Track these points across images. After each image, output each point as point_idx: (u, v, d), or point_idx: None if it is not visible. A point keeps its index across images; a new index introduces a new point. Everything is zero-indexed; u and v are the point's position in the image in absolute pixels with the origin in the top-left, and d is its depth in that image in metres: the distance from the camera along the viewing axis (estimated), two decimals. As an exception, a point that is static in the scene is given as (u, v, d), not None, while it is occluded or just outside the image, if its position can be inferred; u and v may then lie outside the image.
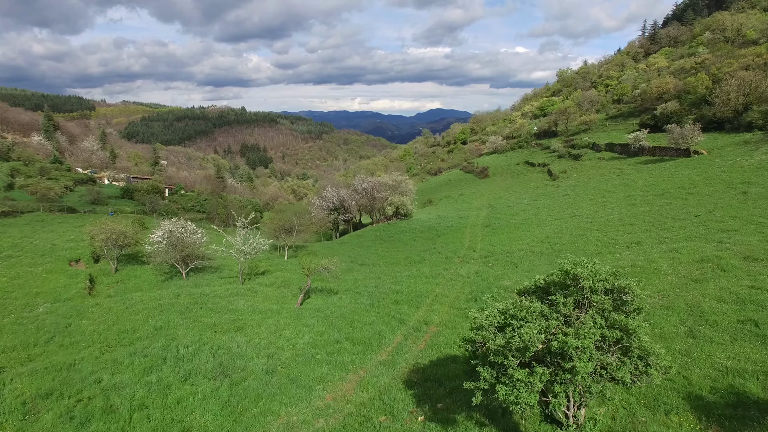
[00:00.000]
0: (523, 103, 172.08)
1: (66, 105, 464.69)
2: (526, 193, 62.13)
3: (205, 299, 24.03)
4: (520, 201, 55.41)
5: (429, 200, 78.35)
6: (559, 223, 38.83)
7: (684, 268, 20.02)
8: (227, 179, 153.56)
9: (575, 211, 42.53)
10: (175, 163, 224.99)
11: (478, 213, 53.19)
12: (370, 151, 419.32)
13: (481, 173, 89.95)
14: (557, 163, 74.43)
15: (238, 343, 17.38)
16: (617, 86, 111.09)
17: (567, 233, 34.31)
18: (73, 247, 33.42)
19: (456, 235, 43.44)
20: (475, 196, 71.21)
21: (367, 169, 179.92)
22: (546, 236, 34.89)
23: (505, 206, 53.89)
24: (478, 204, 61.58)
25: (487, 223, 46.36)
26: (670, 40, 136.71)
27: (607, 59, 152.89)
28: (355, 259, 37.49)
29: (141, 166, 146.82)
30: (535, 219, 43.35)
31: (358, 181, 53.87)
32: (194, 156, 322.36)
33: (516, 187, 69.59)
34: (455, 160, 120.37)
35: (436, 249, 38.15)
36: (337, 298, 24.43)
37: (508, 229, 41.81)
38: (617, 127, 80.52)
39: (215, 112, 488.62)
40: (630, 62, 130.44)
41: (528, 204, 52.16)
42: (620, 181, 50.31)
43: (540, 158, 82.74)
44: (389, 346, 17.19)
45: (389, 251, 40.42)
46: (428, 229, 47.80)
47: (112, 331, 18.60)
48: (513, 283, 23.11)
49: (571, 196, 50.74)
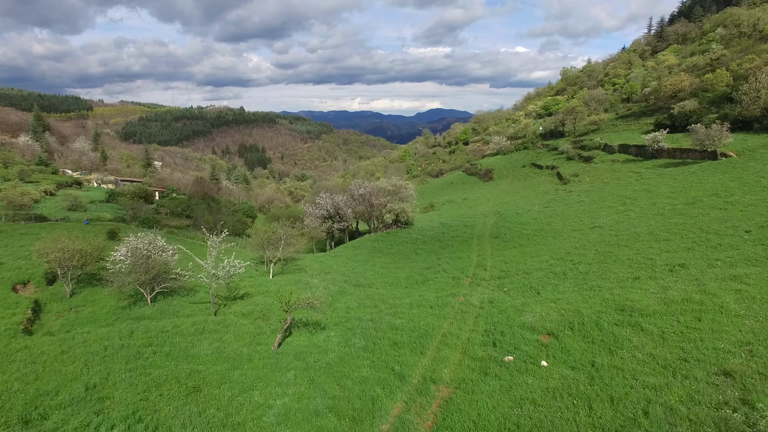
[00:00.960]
0: (526, 103, 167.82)
1: (63, 105, 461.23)
2: (535, 198, 57.87)
3: (163, 338, 19.76)
4: (529, 207, 51.16)
5: (431, 204, 74.11)
6: (579, 236, 34.56)
7: (762, 308, 15.74)
8: (222, 181, 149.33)
9: (594, 220, 38.28)
10: (171, 164, 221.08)
11: (484, 221, 48.96)
12: (370, 152, 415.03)
13: (485, 175, 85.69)
14: (567, 165, 70.18)
15: (186, 417, 13.10)
16: (626, 85, 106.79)
17: (590, 249, 30.03)
18: (24, 266, 29.06)
19: (462, 247, 39.17)
20: (480, 200, 66.94)
21: (366, 170, 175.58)
22: (566, 252, 30.62)
23: (513, 213, 49.63)
24: (484, 210, 57.32)
25: (495, 233, 42.09)
26: (678, 37, 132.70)
27: (613, 57, 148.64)
28: (348, 277, 33.21)
29: (133, 167, 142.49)
30: (550, 229, 39.08)
31: (354, 186, 49.59)
32: (191, 157, 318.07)
33: (524, 191, 65.30)
34: (457, 162, 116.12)
35: (440, 266, 33.89)
36: (324, 336, 20.16)
37: (520, 241, 37.54)
38: (629, 127, 76.23)
39: (213, 112, 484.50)
40: (637, 60, 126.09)
41: (539, 211, 47.90)
42: (640, 186, 46.02)
43: (547, 160, 78.49)
44: (385, 420, 12.93)
45: (388, 268, 36.16)
46: (431, 240, 43.57)
47: (26, 394, 14.29)
48: (537, 319, 18.87)
49: (586, 202, 46.46)
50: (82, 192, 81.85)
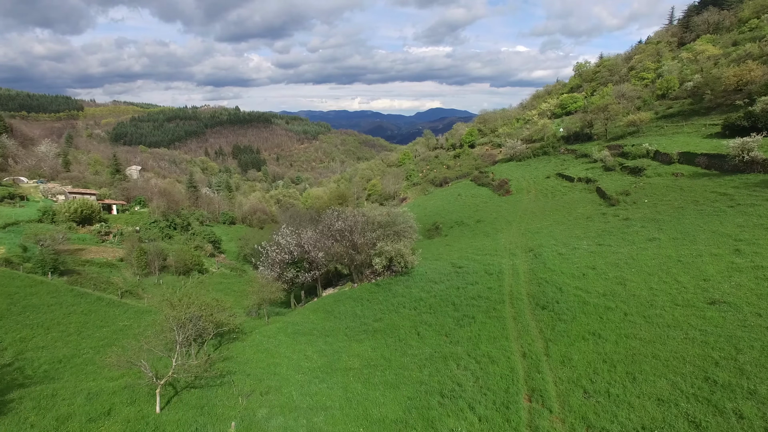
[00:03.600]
0: (534, 101, 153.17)
1: (52, 105, 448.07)
2: (575, 226, 43.37)
3: None
4: (574, 244, 36.61)
5: (435, 226, 59.66)
6: (698, 325, 20.05)
7: None
8: (202, 189, 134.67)
9: (703, 284, 23.79)
10: (154, 168, 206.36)
11: (513, 264, 34.49)
12: (369, 152, 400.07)
13: (500, 188, 71.17)
14: (607, 178, 55.63)
15: None
16: (658, 80, 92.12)
17: (754, 376, 15.57)
18: None
19: (490, 326, 24.64)
20: (499, 223, 52.42)
21: (363, 175, 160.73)
22: (702, 374, 16.16)
23: (554, 253, 35.11)
24: (508, 241, 42.85)
25: (539, 296, 27.50)
26: (709, 26, 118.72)
27: (635, 49, 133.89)
28: (296, 404, 18.64)
29: (103, 174, 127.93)
30: (631, 298, 24.45)
31: (330, 217, 34.95)
32: (181, 159, 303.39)
33: (555, 213, 50.72)
34: (464, 168, 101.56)
35: (456, 378, 19.38)
36: None
37: (586, 322, 22.97)
38: (680, 129, 61.70)
39: (208, 112, 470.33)
40: (667, 52, 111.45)
41: (593, 252, 33.38)
42: (746, 219, 31.49)
43: (578, 170, 64.01)
44: None
45: (372, 370, 21.62)
46: (441, 303, 29.08)
47: None
48: None
49: (663, 242, 31.91)
50: (10, 209, 67.46)
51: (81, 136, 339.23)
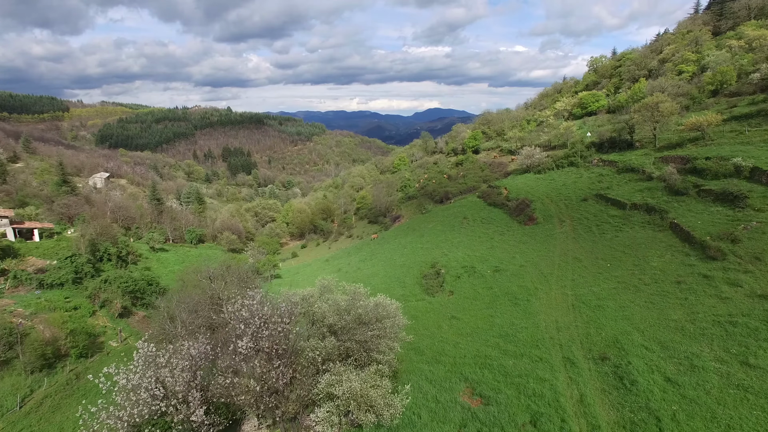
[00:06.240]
0: (542, 100, 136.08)
1: (36, 106, 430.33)
2: (662, 297, 26.63)
3: None
4: (688, 352, 19.91)
5: (435, 270, 42.91)
6: None
7: None
8: (168, 202, 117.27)
9: None
10: (128, 173, 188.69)
11: (582, 396, 17.86)
12: (365, 154, 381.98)
13: (519, 212, 54.32)
14: (680, 207, 38.80)
15: None
16: (710, 71, 75.38)
17: None
18: None
19: None
20: (530, 277, 35.54)
21: (353, 183, 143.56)
22: None
23: (656, 375, 18.44)
24: (552, 321, 26.18)
25: None
26: (750, 11, 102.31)
27: (662, 40, 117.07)
28: None
29: (49, 185, 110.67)
30: None
31: (234, 315, 18.06)
32: (164, 162, 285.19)
33: (616, 265, 33.75)
34: (469, 180, 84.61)
35: None
36: None
37: None
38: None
39: (198, 113, 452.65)
40: (708, 40, 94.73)
41: (740, 384, 16.72)
42: None
43: (626, 190, 47.24)
44: None
45: None
46: None
47: None
48: None
49: None
50: None
51: (65, 138, 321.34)
